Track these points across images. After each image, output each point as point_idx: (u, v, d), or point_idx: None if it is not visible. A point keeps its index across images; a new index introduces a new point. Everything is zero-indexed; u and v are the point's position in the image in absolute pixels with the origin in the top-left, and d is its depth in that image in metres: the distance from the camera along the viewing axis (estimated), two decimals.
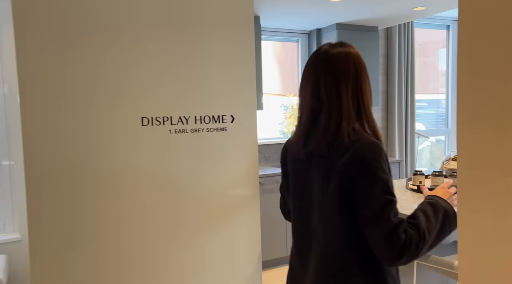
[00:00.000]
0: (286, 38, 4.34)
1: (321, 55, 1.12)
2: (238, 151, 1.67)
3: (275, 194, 3.49)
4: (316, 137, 1.07)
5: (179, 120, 1.56)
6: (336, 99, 1.07)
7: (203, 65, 1.64)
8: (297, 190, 1.17)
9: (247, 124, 1.68)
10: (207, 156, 1.62)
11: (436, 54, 5.33)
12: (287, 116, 4.47)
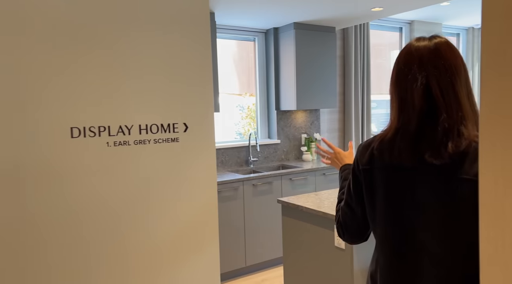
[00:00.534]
0: (242, 37, 4.14)
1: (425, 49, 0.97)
2: (193, 166, 1.45)
3: (233, 201, 3.28)
4: (433, 142, 0.93)
5: (119, 130, 1.29)
6: (453, 98, 0.93)
7: (149, 66, 1.40)
8: (396, 203, 1.00)
9: (204, 134, 1.46)
10: (155, 174, 1.37)
11: (388, 55, 5.40)
12: (244, 117, 4.28)
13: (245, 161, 4.02)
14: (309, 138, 4.25)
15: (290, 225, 2.37)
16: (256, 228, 3.44)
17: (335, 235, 2.04)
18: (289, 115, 4.26)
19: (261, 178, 3.43)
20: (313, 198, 2.40)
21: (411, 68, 0.96)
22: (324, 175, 3.80)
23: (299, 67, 3.89)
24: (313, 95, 4.00)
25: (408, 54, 0.99)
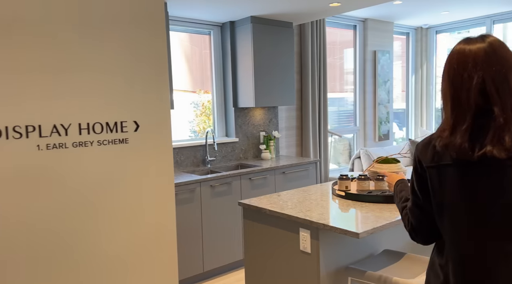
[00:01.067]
0: (196, 30, 3.94)
1: (480, 50, 1.02)
2: (146, 170, 1.26)
3: (189, 204, 3.09)
4: (492, 137, 0.98)
5: (54, 130, 1.05)
6: (508, 94, 0.99)
7: (92, 59, 1.19)
8: (464, 198, 1.04)
9: (159, 133, 1.26)
10: (99, 182, 1.16)
11: (342, 53, 5.43)
12: (198, 114, 4.09)
13: (202, 161, 3.83)
14: (267, 136, 4.15)
15: (252, 228, 2.23)
16: (215, 231, 3.28)
17: (300, 239, 1.94)
18: (247, 112, 4.13)
19: (219, 179, 3.27)
20: (276, 199, 2.28)
21: (466, 68, 1.02)
22: (284, 173, 3.72)
23: (257, 63, 3.77)
24: (271, 92, 3.90)
25: (462, 55, 1.04)
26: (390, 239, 2.27)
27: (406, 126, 6.23)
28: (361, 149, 4.99)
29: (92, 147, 1.15)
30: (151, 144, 1.29)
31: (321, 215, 1.93)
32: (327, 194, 2.39)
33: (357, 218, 1.88)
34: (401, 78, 6.16)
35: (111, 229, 1.31)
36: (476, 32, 5.91)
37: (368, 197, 2.15)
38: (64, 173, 1.15)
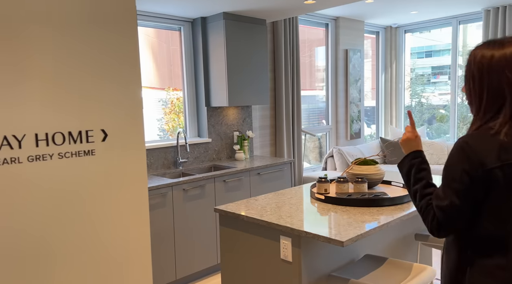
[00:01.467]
0: (166, 25, 3.76)
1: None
2: (115, 185, 1.11)
3: (161, 209, 2.94)
4: None
5: (4, 142, 0.89)
6: None
7: (50, 60, 1.04)
8: None
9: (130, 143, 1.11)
10: (63, 200, 1.01)
11: (312, 50, 5.41)
12: (167, 112, 3.93)
13: (173, 163, 3.67)
14: (241, 136, 4.04)
15: (229, 236, 2.12)
16: (188, 236, 3.14)
17: (281, 247, 1.85)
18: (220, 112, 4.00)
19: (192, 182, 3.13)
20: (253, 205, 2.18)
21: (504, 71, 1.07)
22: (259, 174, 3.63)
23: (230, 61, 3.64)
24: (245, 90, 3.79)
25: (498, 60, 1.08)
26: (371, 243, 2.23)
27: (376, 124, 6.31)
28: (334, 148, 4.99)
29: (51, 161, 0.98)
30: (121, 155, 1.14)
31: (302, 222, 1.85)
32: (306, 198, 2.32)
33: (339, 224, 1.82)
34: (371, 76, 6.23)
35: (78, 248, 1.17)
36: (443, 32, 6.06)
37: (348, 201, 2.10)
38: (18, 192, 0.99)
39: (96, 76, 1.13)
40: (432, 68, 6.22)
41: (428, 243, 2.27)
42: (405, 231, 2.48)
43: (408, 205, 2.06)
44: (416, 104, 6.31)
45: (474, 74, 1.12)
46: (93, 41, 1.18)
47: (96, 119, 1.10)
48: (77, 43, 1.15)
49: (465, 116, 5.69)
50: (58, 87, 1.08)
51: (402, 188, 2.43)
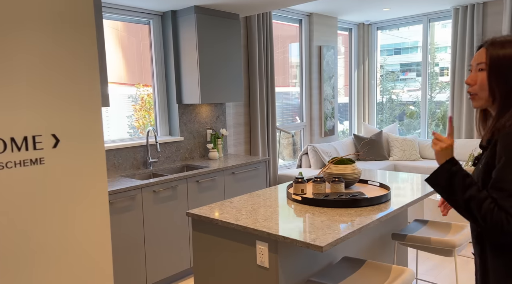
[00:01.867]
0: (134, 19, 3.58)
1: None
2: (70, 197, 0.98)
3: (130, 212, 2.79)
4: None
5: None
6: None
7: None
8: None
9: (86, 148, 0.98)
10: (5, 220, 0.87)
11: (286, 47, 5.35)
12: (137, 109, 3.76)
13: (143, 163, 3.51)
14: (215, 134, 3.93)
15: (202, 241, 2.02)
16: (159, 240, 3.00)
17: (257, 252, 1.77)
18: (193, 109, 3.86)
19: (163, 183, 2.99)
20: (228, 208, 2.09)
21: None
22: (233, 174, 3.53)
23: (203, 56, 3.51)
24: (218, 87, 3.67)
25: None
26: (348, 244, 2.19)
27: (349, 121, 6.34)
28: (309, 145, 4.95)
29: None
30: (76, 163, 1.00)
31: (279, 225, 1.77)
32: (282, 199, 2.24)
33: (318, 227, 1.75)
34: (344, 73, 6.24)
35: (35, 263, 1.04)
36: (411, 29, 6.15)
37: (326, 202, 2.03)
38: None
39: (46, 72, 0.99)
40: (401, 65, 6.30)
41: (405, 242, 2.25)
42: (382, 230, 2.46)
43: (386, 205, 2.03)
44: (386, 100, 6.38)
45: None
46: (43, 33, 1.04)
47: (45, 123, 0.96)
48: (23, 34, 1.01)
49: (433, 112, 5.80)
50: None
51: (378, 187, 2.39)
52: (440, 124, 5.85)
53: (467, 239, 2.17)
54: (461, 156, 5.03)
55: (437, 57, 5.80)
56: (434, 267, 3.25)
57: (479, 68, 1.19)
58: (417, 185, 2.44)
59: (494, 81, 1.15)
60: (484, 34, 5.00)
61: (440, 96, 5.81)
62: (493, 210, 1.08)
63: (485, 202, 1.10)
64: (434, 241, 2.12)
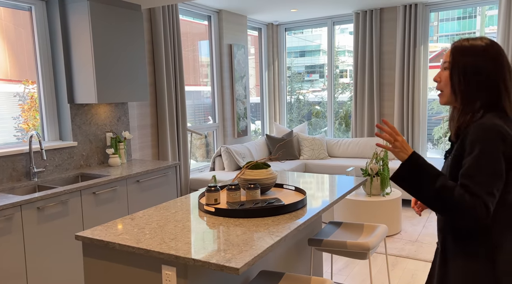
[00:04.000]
0: (11, 3, 2.99)
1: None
2: None
3: (5, 237, 2.29)
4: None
5: None
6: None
7: None
8: None
9: None
10: None
11: (195, 45, 5.10)
12: (26, 109, 3.19)
13: (25, 174, 2.95)
14: (116, 137, 3.50)
15: (96, 269, 1.68)
16: (45, 269, 2.53)
17: (163, 279, 1.51)
18: (88, 109, 3.39)
19: (50, 197, 2.52)
20: (129, 226, 1.78)
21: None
22: (138, 182, 3.16)
23: (98, 50, 3.08)
24: (119, 85, 3.26)
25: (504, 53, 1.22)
26: (265, 257, 2.04)
27: (261, 120, 6.32)
28: (222, 147, 4.77)
29: None
30: None
31: (190, 245, 1.54)
32: (194, 210, 2.00)
33: (233, 243, 1.55)
34: (254, 73, 6.20)
35: None
36: (314, 33, 6.38)
37: (241, 212, 1.85)
38: None
39: None
40: (306, 67, 6.50)
41: (321, 248, 2.18)
42: (298, 236, 2.37)
43: (302, 212, 1.92)
44: (294, 100, 6.52)
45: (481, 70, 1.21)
46: None
47: None
48: None
49: (337, 112, 6.08)
50: None
51: (294, 191, 2.30)
52: (343, 122, 6.15)
53: (380, 240, 2.19)
54: (364, 154, 5.33)
55: (338, 60, 6.08)
56: (345, 265, 3.32)
57: (444, 66, 1.26)
58: (330, 187, 2.41)
59: (455, 80, 1.22)
60: (382, 37, 5.36)
61: (342, 96, 6.11)
62: (465, 198, 1.10)
63: (455, 190, 1.12)
64: (350, 244, 2.09)
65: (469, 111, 1.20)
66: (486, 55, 1.19)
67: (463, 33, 5.51)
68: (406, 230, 4.01)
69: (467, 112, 1.20)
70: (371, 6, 5.19)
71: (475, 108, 1.19)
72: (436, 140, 5.55)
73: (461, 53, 1.21)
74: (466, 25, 5.52)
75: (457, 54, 1.22)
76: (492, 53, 1.19)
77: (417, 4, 5.01)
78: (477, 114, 1.19)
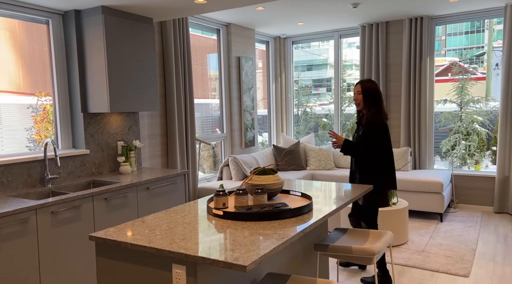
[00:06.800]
0: (29, 17, 3.13)
1: None
2: None
3: (20, 240, 2.36)
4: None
5: None
6: None
7: None
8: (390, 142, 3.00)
9: None
10: None
11: (204, 58, 5.22)
12: (38, 120, 3.29)
13: (40, 180, 3.05)
14: (127, 146, 3.59)
15: (109, 268, 1.74)
16: (58, 271, 2.59)
17: (173, 277, 1.56)
18: (101, 119, 3.49)
19: (63, 202, 2.60)
20: (140, 228, 1.84)
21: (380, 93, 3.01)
22: (148, 189, 3.24)
23: (112, 61, 3.20)
24: (130, 95, 3.37)
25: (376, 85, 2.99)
26: (272, 259, 2.08)
27: (268, 132, 6.39)
28: (230, 157, 4.83)
29: None
30: None
31: (198, 245, 1.59)
32: (203, 214, 2.06)
33: (241, 244, 1.61)
34: (262, 86, 6.30)
35: None
36: (321, 47, 6.48)
37: (249, 216, 1.91)
38: None
39: None
40: (313, 80, 6.59)
41: (327, 253, 2.21)
42: (304, 242, 2.41)
43: (309, 216, 1.97)
44: (301, 113, 6.60)
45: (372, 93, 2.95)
46: None
47: None
48: None
49: (344, 124, 6.13)
50: None
51: (300, 197, 2.35)
52: (350, 134, 6.19)
53: (385, 246, 2.21)
54: None
55: (346, 73, 6.16)
56: (351, 275, 3.32)
57: (358, 92, 2.97)
58: (336, 193, 2.45)
59: (366, 99, 2.94)
60: (388, 50, 5.44)
61: (349, 109, 6.17)
62: (369, 151, 2.85)
63: (365, 149, 2.86)
64: (356, 249, 2.12)
65: (368, 110, 2.94)
66: (376, 87, 2.95)
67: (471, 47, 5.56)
68: (413, 240, 4.01)
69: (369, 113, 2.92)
70: (377, 19, 5.29)
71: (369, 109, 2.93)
72: (444, 153, 5.55)
73: (365, 86, 2.96)
74: (474, 39, 5.58)
75: (364, 86, 2.96)
76: (377, 87, 2.96)
77: (422, 17, 5.10)
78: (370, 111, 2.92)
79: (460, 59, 5.49)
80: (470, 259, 3.49)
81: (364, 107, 2.92)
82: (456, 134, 5.40)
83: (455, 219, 4.71)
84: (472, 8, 4.83)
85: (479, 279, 3.08)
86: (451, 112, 5.44)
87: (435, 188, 4.53)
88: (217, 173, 5.18)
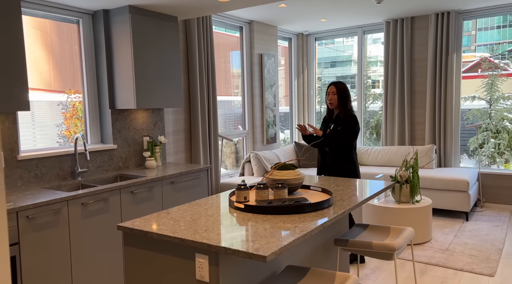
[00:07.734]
0: (60, 17, 3.28)
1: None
2: None
3: (53, 229, 2.49)
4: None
5: None
6: None
7: None
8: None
9: None
10: None
11: (227, 56, 5.29)
12: (68, 117, 3.43)
13: (71, 173, 3.19)
14: (152, 141, 3.70)
15: (136, 257, 1.83)
16: (88, 259, 2.72)
17: (196, 266, 1.63)
18: (127, 115, 3.61)
19: (92, 194, 2.73)
20: (165, 219, 1.92)
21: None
22: (172, 183, 3.33)
23: (138, 59, 3.31)
24: (156, 92, 3.48)
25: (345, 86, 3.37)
26: (292, 253, 2.12)
27: (290, 129, 6.41)
28: (251, 153, 4.89)
29: None
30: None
31: (220, 236, 1.65)
32: (224, 207, 2.12)
33: (261, 235, 1.65)
34: (284, 84, 6.32)
35: None
36: (345, 43, 6.43)
37: (269, 209, 1.95)
38: None
39: None
40: (337, 77, 6.54)
41: (347, 248, 2.23)
42: (324, 236, 2.43)
43: (329, 211, 1.99)
44: (324, 110, 6.57)
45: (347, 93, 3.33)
46: None
47: None
48: None
49: (367, 121, 6.07)
50: None
51: (321, 192, 2.37)
52: (374, 132, 6.13)
53: (406, 242, 2.21)
54: (394, 163, 5.29)
55: (370, 70, 6.09)
56: (372, 271, 3.32)
57: (333, 93, 3.31)
58: (357, 189, 2.46)
59: (340, 99, 3.30)
60: (413, 46, 5.35)
61: (373, 106, 6.10)
62: (338, 141, 3.28)
63: (335, 139, 3.28)
64: (376, 245, 2.13)
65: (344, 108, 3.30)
66: (346, 88, 3.32)
67: (503, 42, 5.36)
68: (437, 238, 3.95)
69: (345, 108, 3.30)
70: (402, 14, 5.21)
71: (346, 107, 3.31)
72: (472, 152, 5.40)
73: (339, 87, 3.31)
74: (506, 34, 5.38)
75: (338, 87, 3.31)
76: (347, 87, 3.32)
77: (449, 12, 4.98)
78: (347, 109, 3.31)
79: (491, 54, 5.32)
80: (496, 258, 3.41)
81: (337, 106, 3.31)
82: (484, 132, 5.25)
83: (481, 218, 4.60)
84: (503, 2, 4.68)
85: (505, 279, 3.02)
86: (480, 110, 5.29)
87: (461, 186, 4.44)
88: (239, 169, 5.25)
